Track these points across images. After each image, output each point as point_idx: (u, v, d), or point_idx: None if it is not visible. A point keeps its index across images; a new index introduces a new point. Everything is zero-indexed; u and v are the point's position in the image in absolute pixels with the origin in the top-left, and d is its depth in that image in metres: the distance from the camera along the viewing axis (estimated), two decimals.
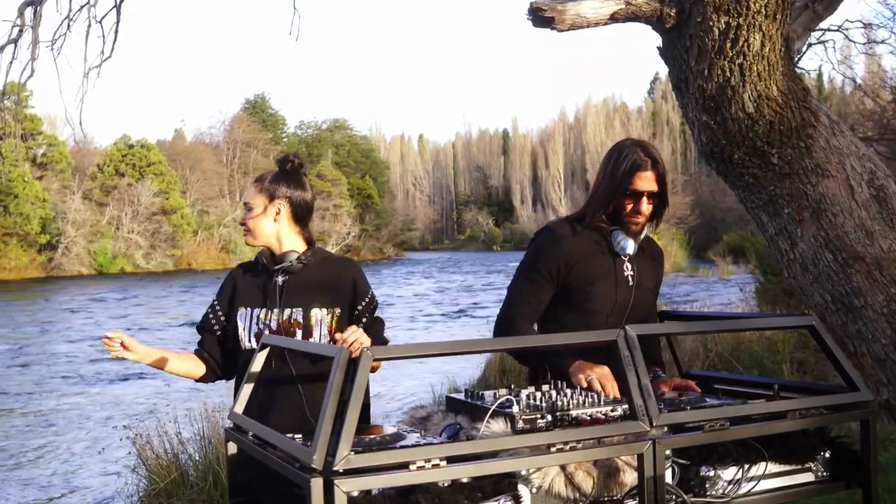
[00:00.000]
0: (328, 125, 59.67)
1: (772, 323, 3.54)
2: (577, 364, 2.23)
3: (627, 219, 2.44)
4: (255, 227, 2.58)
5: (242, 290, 2.58)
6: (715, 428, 1.86)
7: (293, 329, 2.48)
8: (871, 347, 2.75)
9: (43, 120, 43.11)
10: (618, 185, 2.42)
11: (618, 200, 2.43)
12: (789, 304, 8.82)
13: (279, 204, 2.57)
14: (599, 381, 2.14)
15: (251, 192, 2.60)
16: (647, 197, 2.42)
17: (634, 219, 2.44)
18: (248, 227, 2.59)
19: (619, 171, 2.41)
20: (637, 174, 2.41)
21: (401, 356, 2.31)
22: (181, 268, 43.31)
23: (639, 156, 2.42)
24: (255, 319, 2.51)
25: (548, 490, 1.76)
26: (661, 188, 2.45)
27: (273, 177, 2.60)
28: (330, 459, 1.53)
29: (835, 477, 2.08)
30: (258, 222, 2.57)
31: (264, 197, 2.58)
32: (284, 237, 2.58)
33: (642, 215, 2.44)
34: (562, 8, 2.59)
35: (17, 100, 6.09)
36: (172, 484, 4.88)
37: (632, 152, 2.43)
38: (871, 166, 2.82)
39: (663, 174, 2.46)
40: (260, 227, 2.57)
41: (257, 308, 2.52)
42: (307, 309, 2.49)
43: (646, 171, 2.41)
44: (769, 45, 2.58)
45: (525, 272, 2.48)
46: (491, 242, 70.39)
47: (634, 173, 2.41)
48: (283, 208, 2.57)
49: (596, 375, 2.15)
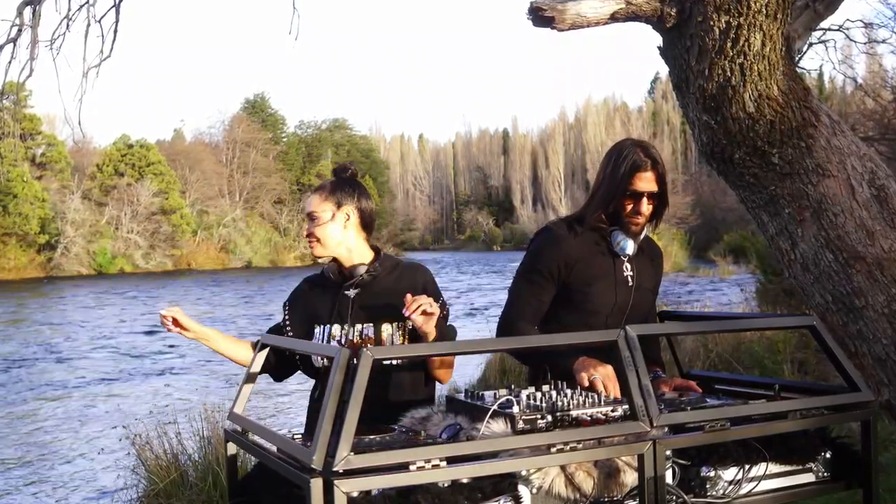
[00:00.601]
0: (328, 125, 59.61)
1: (772, 323, 3.54)
2: (581, 361, 2.22)
3: (627, 219, 2.44)
4: (324, 236, 2.47)
5: (314, 305, 2.50)
6: (715, 428, 1.86)
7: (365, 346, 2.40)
8: (872, 348, 2.74)
9: (42, 120, 43.12)
10: (618, 186, 2.41)
11: (618, 201, 2.43)
12: (790, 305, 8.82)
13: (347, 210, 2.47)
14: (602, 381, 2.13)
15: (315, 201, 2.49)
16: (647, 197, 2.42)
17: (634, 219, 2.44)
18: (317, 236, 2.47)
19: (619, 172, 2.41)
20: (637, 175, 2.40)
21: (401, 356, 2.32)
22: (181, 268, 43.31)
23: (639, 156, 2.41)
24: (326, 337, 2.43)
25: (548, 490, 1.75)
26: (661, 188, 2.45)
27: (334, 184, 2.51)
28: (330, 460, 1.52)
29: (835, 477, 2.08)
30: (326, 230, 2.46)
31: (331, 204, 2.47)
32: (354, 245, 2.49)
33: (642, 216, 2.43)
34: (562, 7, 2.58)
35: (17, 99, 6.08)
36: (172, 484, 4.88)
37: (632, 153, 2.42)
38: (872, 166, 2.81)
39: (663, 174, 2.46)
40: (328, 236, 2.46)
41: (328, 325, 2.44)
42: (378, 324, 2.41)
43: (646, 172, 2.41)
44: (770, 44, 2.57)
45: (525, 273, 2.47)
46: (491, 242, 70.40)
47: (634, 174, 2.40)
48: (353, 215, 2.48)
49: (599, 375, 2.14)
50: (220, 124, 54.45)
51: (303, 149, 56.24)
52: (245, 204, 50.27)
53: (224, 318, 19.47)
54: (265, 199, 51.33)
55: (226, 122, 54.04)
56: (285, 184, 52.70)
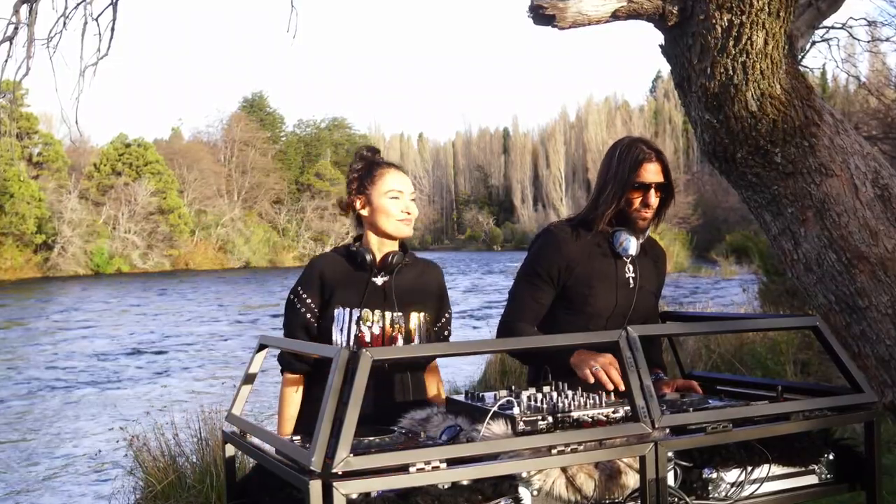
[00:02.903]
0: (327, 124, 59.62)
1: (775, 324, 3.52)
2: (578, 355, 2.21)
3: (636, 214, 2.41)
4: (415, 215, 2.37)
5: (338, 285, 2.33)
6: (718, 430, 1.85)
7: (396, 334, 2.34)
8: (876, 348, 2.73)
9: (39, 118, 43.03)
10: (625, 180, 2.39)
11: (626, 196, 2.41)
12: (793, 305, 8.82)
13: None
14: (604, 369, 2.11)
15: (404, 179, 2.39)
16: (655, 189, 2.40)
17: (643, 212, 2.41)
18: (414, 217, 2.37)
19: (626, 166, 2.39)
20: (643, 166, 2.39)
21: (401, 356, 2.30)
22: (178, 268, 43.27)
23: (641, 149, 2.40)
24: (352, 321, 2.30)
25: (549, 492, 1.74)
26: (668, 179, 2.44)
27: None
28: (329, 461, 1.51)
29: (839, 479, 2.07)
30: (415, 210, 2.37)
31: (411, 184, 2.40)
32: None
33: (651, 208, 2.42)
34: (563, 6, 2.57)
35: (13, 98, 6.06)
36: (169, 486, 4.85)
37: (634, 146, 2.42)
38: (876, 165, 2.80)
39: (668, 165, 2.45)
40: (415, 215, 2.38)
41: (357, 308, 2.31)
42: (407, 313, 2.35)
43: (651, 163, 2.40)
44: (772, 42, 2.56)
45: (525, 275, 2.46)
46: (491, 242, 70.45)
47: (640, 166, 2.39)
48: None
49: (600, 365, 2.13)
50: (219, 123, 54.51)
51: (302, 148, 56.24)
52: (243, 203, 50.27)
53: (224, 318, 19.49)
54: (264, 199, 51.34)
55: (224, 120, 54.07)
56: (284, 183, 52.72)
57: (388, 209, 2.35)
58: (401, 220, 2.36)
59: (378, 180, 2.38)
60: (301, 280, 2.38)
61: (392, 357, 2.23)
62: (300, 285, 2.37)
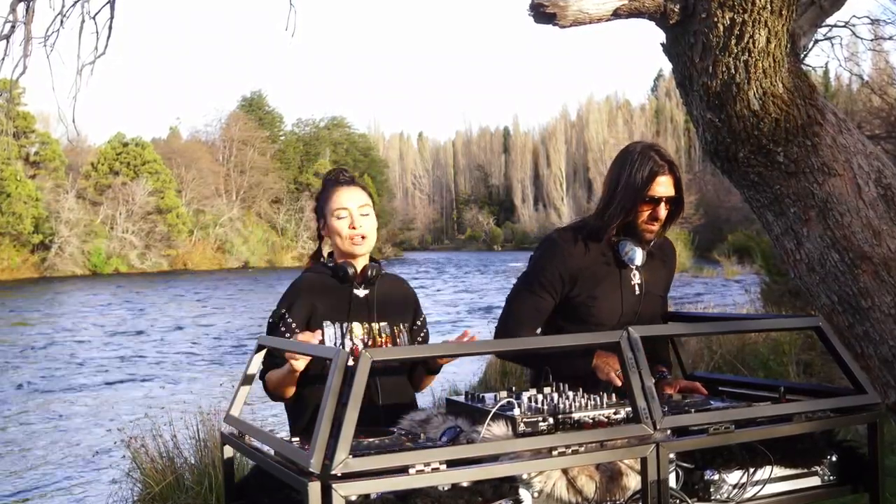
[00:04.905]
0: (326, 123, 59.57)
1: (777, 324, 3.50)
2: (598, 355, 2.19)
3: (643, 226, 2.38)
4: (371, 233, 2.35)
5: (322, 303, 2.33)
6: (720, 431, 1.84)
7: (382, 343, 2.34)
8: (879, 349, 2.72)
9: (36, 118, 42.91)
10: (637, 193, 2.35)
11: (635, 208, 2.37)
12: (795, 305, 8.81)
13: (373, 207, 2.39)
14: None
15: (358, 194, 2.36)
16: (665, 202, 2.37)
17: (650, 226, 2.38)
18: (367, 233, 2.34)
19: (638, 179, 2.34)
20: (656, 180, 2.35)
21: (401, 357, 2.28)
22: (176, 268, 43.22)
23: (655, 161, 2.36)
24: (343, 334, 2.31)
25: (549, 494, 1.74)
26: (678, 192, 2.40)
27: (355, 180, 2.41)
28: (328, 463, 1.50)
29: (841, 481, 2.06)
30: (374, 226, 2.36)
31: (368, 198, 2.37)
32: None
33: (659, 222, 2.38)
34: (564, 4, 2.55)
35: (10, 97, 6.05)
36: (167, 488, 4.83)
37: (648, 157, 2.36)
38: (879, 165, 2.79)
39: (679, 177, 2.41)
40: (374, 232, 2.36)
41: (345, 322, 2.32)
42: (389, 322, 2.37)
43: (663, 176, 2.36)
44: (775, 41, 2.54)
45: (526, 283, 2.44)
46: (492, 242, 70.47)
47: (653, 179, 2.34)
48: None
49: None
50: (217, 122, 54.38)
51: (300, 147, 56.20)
52: (242, 203, 50.23)
53: (223, 318, 19.47)
54: (262, 199, 51.30)
55: (222, 120, 53.98)
56: (283, 183, 52.69)
57: (337, 229, 2.35)
58: (349, 238, 2.34)
59: (328, 201, 2.39)
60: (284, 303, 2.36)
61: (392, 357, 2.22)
62: (284, 308, 2.35)
